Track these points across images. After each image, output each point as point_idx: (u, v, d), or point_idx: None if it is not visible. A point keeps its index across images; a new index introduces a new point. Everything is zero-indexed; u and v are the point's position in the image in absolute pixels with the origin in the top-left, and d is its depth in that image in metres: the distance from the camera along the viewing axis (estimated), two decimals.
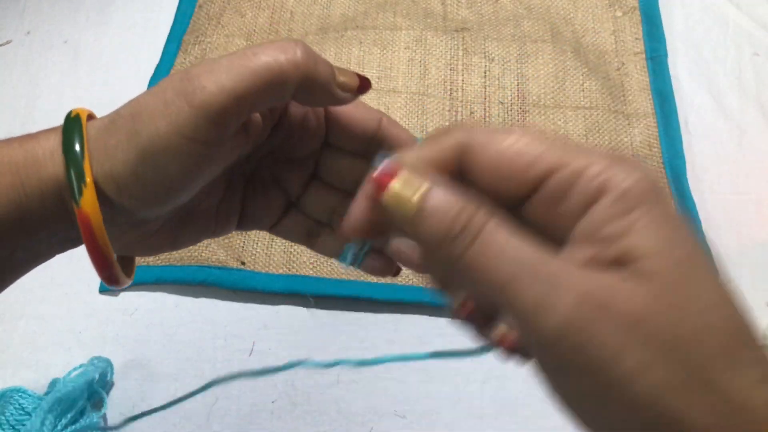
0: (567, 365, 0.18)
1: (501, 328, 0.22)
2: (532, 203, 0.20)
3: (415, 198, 0.19)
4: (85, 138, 0.24)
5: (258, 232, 0.57)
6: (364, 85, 0.26)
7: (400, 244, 0.27)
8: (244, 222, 0.31)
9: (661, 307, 0.17)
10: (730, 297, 0.18)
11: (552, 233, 0.20)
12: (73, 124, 0.24)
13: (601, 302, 0.17)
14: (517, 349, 0.22)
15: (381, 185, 0.20)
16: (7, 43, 0.72)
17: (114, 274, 0.26)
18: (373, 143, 0.29)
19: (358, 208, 0.23)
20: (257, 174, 0.30)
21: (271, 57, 0.23)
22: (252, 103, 0.23)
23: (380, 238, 0.23)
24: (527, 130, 0.20)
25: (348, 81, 0.25)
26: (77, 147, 0.23)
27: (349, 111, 0.28)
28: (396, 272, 0.30)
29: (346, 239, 0.25)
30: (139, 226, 0.27)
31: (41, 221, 0.24)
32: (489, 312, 0.22)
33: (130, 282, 0.28)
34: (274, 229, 0.31)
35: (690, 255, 0.18)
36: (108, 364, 0.52)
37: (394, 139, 0.28)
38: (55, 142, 0.24)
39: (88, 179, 0.23)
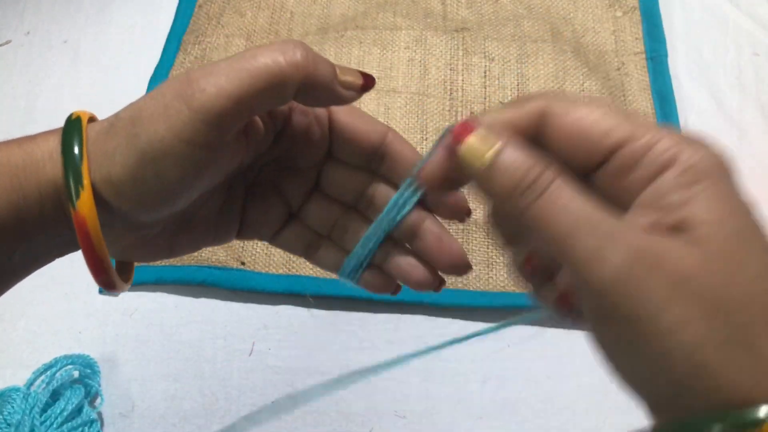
0: (613, 315, 0.19)
1: (559, 286, 0.23)
2: (603, 172, 0.21)
3: (490, 153, 0.21)
4: (84, 141, 0.24)
5: None
6: (367, 83, 0.26)
7: (401, 262, 0.27)
8: (244, 231, 0.30)
9: (712, 269, 0.18)
10: None
11: (619, 202, 0.20)
12: (72, 127, 0.24)
13: (654, 260, 0.18)
14: (572, 308, 0.23)
15: (459, 138, 0.21)
16: (7, 43, 0.72)
17: (110, 278, 0.25)
18: (377, 157, 0.28)
19: (436, 158, 0.24)
20: (258, 182, 0.30)
21: (270, 59, 0.23)
22: (252, 106, 0.23)
23: (453, 190, 0.25)
24: (604, 103, 0.21)
25: (351, 79, 0.25)
26: (76, 149, 0.23)
27: (355, 123, 0.28)
28: (395, 290, 0.30)
29: (422, 184, 0.25)
30: (137, 231, 0.26)
31: (40, 224, 0.24)
32: (550, 270, 0.23)
33: (126, 287, 0.28)
34: (274, 239, 0.31)
35: (745, 227, 0.19)
36: (86, 360, 0.52)
37: (398, 155, 0.28)
38: (54, 144, 0.24)
39: (86, 182, 0.23)
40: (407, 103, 0.63)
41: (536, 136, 0.22)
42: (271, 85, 0.23)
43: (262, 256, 0.56)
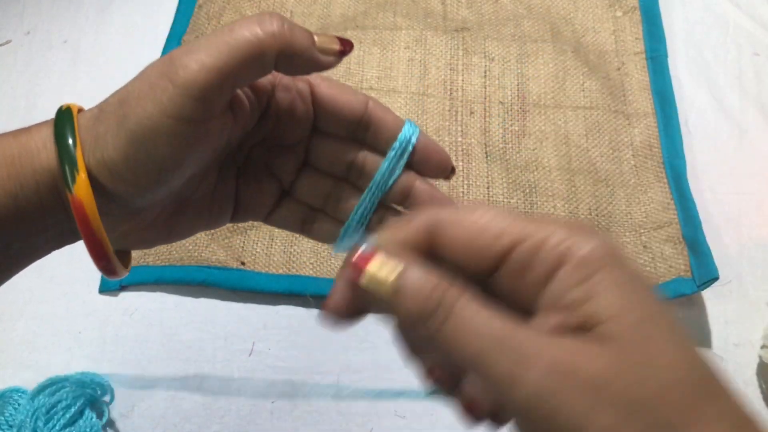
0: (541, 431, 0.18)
1: (465, 395, 0.22)
2: (500, 275, 0.21)
3: (391, 279, 0.20)
4: (76, 127, 0.24)
5: (258, 232, 0.57)
6: (345, 47, 0.26)
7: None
8: (239, 212, 0.31)
9: (623, 367, 0.18)
10: (692, 352, 0.19)
11: (522, 303, 0.20)
12: (64, 116, 0.25)
13: (568, 369, 0.18)
14: (480, 416, 0.22)
15: (358, 268, 0.21)
16: (7, 43, 0.72)
17: (110, 263, 0.26)
18: (361, 126, 0.29)
19: (339, 291, 0.23)
20: (249, 162, 0.30)
21: (248, 30, 0.24)
22: (234, 78, 0.24)
23: (363, 317, 0.24)
24: (491, 207, 0.21)
25: (328, 44, 0.26)
26: (69, 136, 0.24)
27: (336, 94, 0.29)
28: None
29: (329, 319, 0.24)
30: (134, 216, 0.27)
31: (37, 213, 0.25)
32: (455, 378, 0.23)
33: (126, 273, 0.28)
34: (269, 218, 0.31)
35: (650, 315, 0.19)
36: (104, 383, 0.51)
37: (380, 121, 0.29)
38: (47, 133, 0.25)
39: (80, 165, 0.24)
40: (407, 103, 0.63)
41: (431, 249, 0.22)
42: (251, 55, 0.24)
43: (262, 256, 0.56)
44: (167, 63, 0.24)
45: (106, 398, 0.51)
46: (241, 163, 0.30)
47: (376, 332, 0.54)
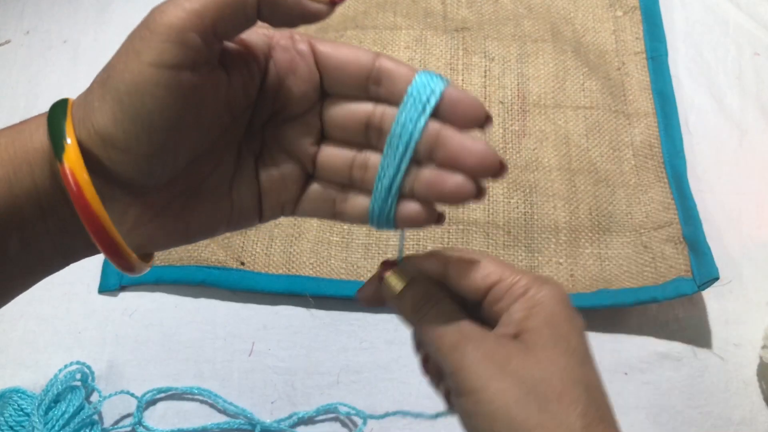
0: (460, 393, 0.27)
1: (445, 385, 0.32)
2: (484, 303, 0.30)
3: (400, 285, 0.30)
4: (69, 104, 0.24)
5: (257, 232, 0.57)
6: None
7: (429, 175, 0.27)
8: (266, 207, 0.29)
9: (526, 359, 0.27)
10: (578, 369, 0.27)
11: (494, 323, 0.29)
12: (59, 101, 0.25)
13: (490, 350, 0.27)
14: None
15: (385, 269, 0.31)
16: (7, 42, 0.72)
17: (116, 245, 0.24)
18: (372, 81, 0.27)
19: (369, 284, 0.32)
20: (264, 148, 0.29)
21: None
22: (213, 21, 0.23)
23: (382, 305, 0.32)
24: (485, 254, 0.31)
25: None
26: (59, 112, 0.24)
27: (339, 51, 0.27)
28: (439, 218, 0.28)
29: (361, 302, 0.32)
30: (140, 198, 0.25)
31: (33, 199, 0.24)
32: (440, 370, 0.31)
33: (147, 268, 0.27)
34: (298, 207, 0.29)
35: (560, 335, 0.27)
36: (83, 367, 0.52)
37: (393, 72, 0.26)
38: (42, 119, 0.25)
39: (69, 133, 0.23)
40: None
41: (441, 278, 0.30)
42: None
43: (261, 256, 0.56)
44: (147, 16, 0.24)
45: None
46: (257, 151, 0.29)
47: (375, 333, 0.54)
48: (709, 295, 0.55)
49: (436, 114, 0.26)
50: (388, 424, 0.50)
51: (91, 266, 0.57)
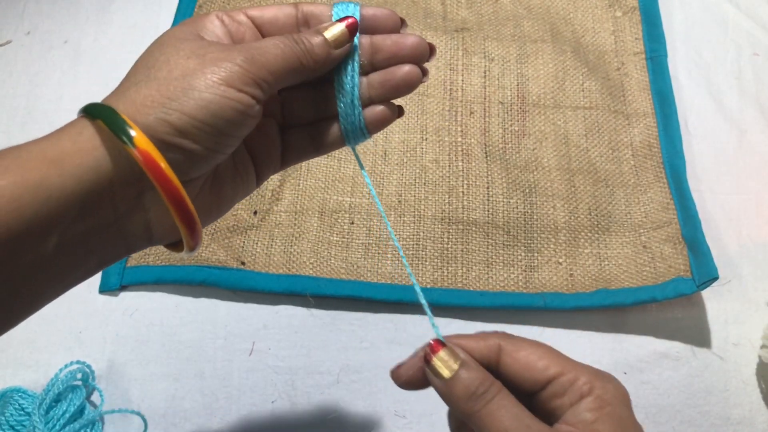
0: None
1: None
2: (541, 395, 0.29)
3: (454, 366, 0.28)
4: (105, 104, 0.26)
5: (258, 232, 0.57)
6: (351, 27, 0.30)
7: (382, 68, 0.31)
8: (259, 165, 0.33)
9: None
10: None
11: (548, 418, 0.28)
12: (92, 104, 0.27)
13: None
14: None
15: (432, 351, 0.29)
16: (7, 43, 0.72)
17: (192, 217, 0.27)
18: (303, 26, 0.31)
19: (412, 362, 0.30)
20: None
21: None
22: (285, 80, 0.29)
23: (421, 387, 0.30)
24: (541, 344, 0.30)
25: (339, 37, 0.29)
26: (104, 111, 0.26)
27: (268, 9, 0.31)
28: (400, 111, 0.33)
29: (397, 383, 0.31)
30: (187, 185, 0.28)
31: (72, 199, 0.25)
32: None
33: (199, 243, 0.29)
34: (285, 159, 0.33)
35: None
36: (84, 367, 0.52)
37: (315, 12, 0.31)
38: (78, 127, 0.26)
39: (131, 123, 0.25)
40: (407, 102, 0.63)
41: (493, 363, 0.29)
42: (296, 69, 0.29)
43: (262, 256, 0.57)
44: (239, 48, 0.27)
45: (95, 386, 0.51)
46: None
47: (375, 332, 0.54)
48: (708, 294, 0.55)
49: (362, 32, 0.31)
50: (388, 424, 0.50)
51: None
